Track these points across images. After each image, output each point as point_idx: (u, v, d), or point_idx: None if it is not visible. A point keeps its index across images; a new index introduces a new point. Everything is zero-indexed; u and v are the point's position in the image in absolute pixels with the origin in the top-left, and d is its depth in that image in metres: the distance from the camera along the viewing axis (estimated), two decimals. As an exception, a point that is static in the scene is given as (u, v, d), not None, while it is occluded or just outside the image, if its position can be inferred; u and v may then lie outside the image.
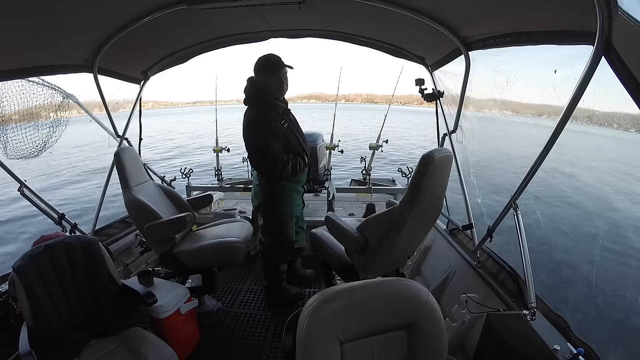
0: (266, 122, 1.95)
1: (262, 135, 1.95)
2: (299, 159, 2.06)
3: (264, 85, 2.02)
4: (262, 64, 2.01)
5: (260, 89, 2.02)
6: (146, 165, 2.78)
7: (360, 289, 0.93)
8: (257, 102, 2.01)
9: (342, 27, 2.29)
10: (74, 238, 1.60)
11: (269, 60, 2.01)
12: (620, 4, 0.84)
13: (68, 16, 1.51)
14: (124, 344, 1.49)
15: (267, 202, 2.12)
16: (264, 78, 2.02)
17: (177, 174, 3.37)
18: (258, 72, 2.03)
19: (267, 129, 1.95)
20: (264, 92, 2.02)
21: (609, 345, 2.16)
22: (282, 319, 2.05)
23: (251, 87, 2.04)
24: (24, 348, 1.28)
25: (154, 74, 2.68)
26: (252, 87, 2.03)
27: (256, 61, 2.03)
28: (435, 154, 1.51)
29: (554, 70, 1.28)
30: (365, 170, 4.23)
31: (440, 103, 2.42)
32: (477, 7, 1.49)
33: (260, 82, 2.02)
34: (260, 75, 2.03)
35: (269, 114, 1.98)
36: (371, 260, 1.77)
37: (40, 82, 1.99)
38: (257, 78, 2.04)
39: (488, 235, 1.70)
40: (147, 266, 2.61)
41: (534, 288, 1.34)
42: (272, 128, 1.96)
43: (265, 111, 1.98)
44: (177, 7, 1.67)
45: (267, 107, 2.00)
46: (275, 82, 2.02)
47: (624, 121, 1.29)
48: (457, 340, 1.66)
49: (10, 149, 1.91)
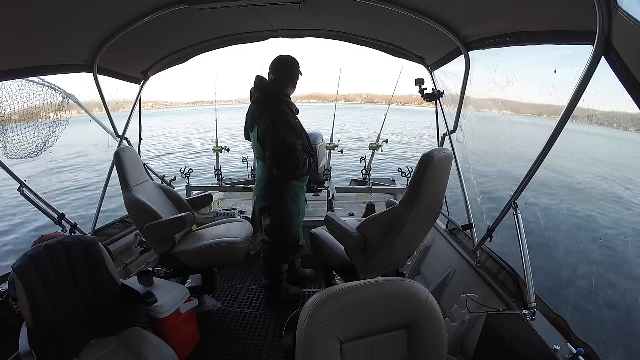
0: (289, 121, 1.96)
1: (288, 134, 1.93)
2: (310, 158, 2.08)
3: (283, 85, 2.03)
4: (284, 65, 2.03)
5: (280, 88, 2.02)
6: (146, 165, 2.78)
7: (360, 289, 0.93)
8: (276, 101, 2.00)
9: (342, 27, 2.29)
10: (74, 238, 1.60)
11: (290, 62, 2.03)
12: (620, 4, 0.84)
13: (68, 16, 1.51)
14: (124, 344, 1.49)
15: (276, 202, 2.11)
16: (284, 77, 2.03)
17: (177, 174, 3.37)
18: (277, 71, 2.03)
19: (291, 128, 1.95)
20: (283, 92, 2.03)
21: (609, 345, 2.17)
22: (282, 319, 2.05)
23: (270, 86, 2.03)
24: (24, 348, 1.28)
25: (154, 74, 2.68)
26: (272, 86, 2.03)
27: (276, 60, 2.04)
28: (435, 154, 1.51)
29: (554, 70, 1.29)
30: (365, 170, 4.23)
31: (440, 103, 2.42)
32: (477, 7, 1.49)
33: (279, 81, 2.03)
34: (279, 74, 2.03)
35: (290, 114, 1.99)
36: (371, 260, 1.77)
37: (40, 82, 1.99)
38: (275, 77, 2.04)
39: (488, 235, 1.70)
40: (147, 266, 2.61)
41: (534, 288, 1.34)
42: (294, 127, 1.97)
43: (285, 111, 1.98)
44: (177, 7, 1.67)
45: (286, 106, 2.00)
46: (293, 84, 2.06)
47: (624, 121, 1.29)
48: (457, 340, 1.66)
49: (10, 149, 1.91)
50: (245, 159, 4.33)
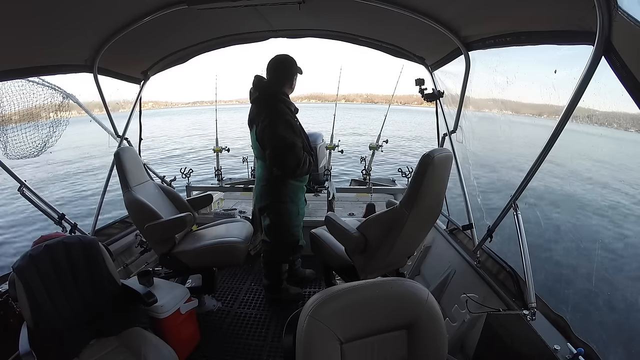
0: (287, 120, 1.96)
1: (287, 132, 1.93)
2: (309, 157, 2.08)
3: (281, 84, 2.03)
4: (280, 63, 2.03)
5: (278, 87, 2.03)
6: (146, 165, 2.78)
7: (360, 289, 0.93)
8: (274, 100, 2.00)
9: (342, 27, 2.29)
10: (74, 238, 1.60)
11: (288, 60, 2.03)
12: (620, 4, 0.84)
13: (68, 16, 1.51)
14: (124, 344, 1.48)
15: (275, 201, 2.11)
16: (280, 77, 2.03)
17: (177, 174, 3.37)
18: (274, 70, 2.03)
19: (289, 127, 1.95)
20: (281, 91, 2.03)
21: (609, 345, 2.16)
22: (282, 319, 2.05)
23: (268, 85, 2.04)
24: (24, 348, 1.28)
25: (154, 74, 2.68)
26: (269, 85, 2.03)
27: (273, 60, 2.04)
28: (435, 154, 1.51)
29: (554, 70, 1.28)
30: (365, 170, 4.23)
31: (440, 103, 2.42)
32: (477, 7, 1.49)
33: (276, 80, 2.03)
34: (276, 73, 2.03)
35: (288, 113, 1.99)
36: (371, 260, 1.77)
37: (40, 82, 1.99)
38: (272, 76, 2.04)
39: (488, 235, 1.70)
40: (147, 266, 2.61)
41: (534, 288, 1.34)
42: (293, 126, 1.97)
43: (284, 109, 1.98)
44: (177, 7, 1.67)
45: (284, 105, 2.00)
46: (290, 83, 2.06)
47: (624, 121, 1.29)
48: (457, 340, 1.66)
49: (10, 149, 1.91)
50: (245, 159, 4.33)
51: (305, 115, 2.29)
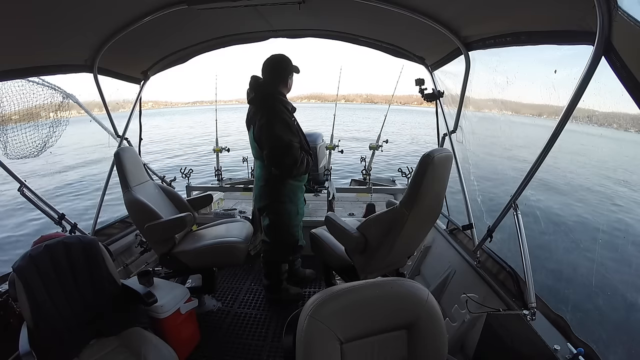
0: (284, 119, 1.96)
1: (283, 132, 1.94)
2: (307, 156, 2.08)
3: (276, 83, 2.03)
4: (275, 64, 2.02)
5: (273, 87, 2.03)
6: (146, 165, 2.78)
7: (360, 289, 0.93)
8: (272, 100, 2.00)
9: (342, 27, 2.29)
10: (74, 238, 1.60)
11: (282, 60, 2.03)
12: (620, 4, 0.84)
13: (68, 16, 1.51)
14: (124, 344, 1.49)
15: (274, 201, 2.11)
16: (276, 77, 2.03)
17: (177, 174, 3.37)
18: (269, 71, 2.03)
19: (287, 126, 1.95)
20: (276, 91, 2.03)
21: (609, 345, 2.16)
22: (282, 319, 2.05)
23: (263, 85, 2.04)
24: (24, 348, 1.28)
25: (154, 74, 2.68)
26: (265, 85, 2.03)
27: (267, 60, 2.04)
28: (435, 154, 1.51)
29: (554, 70, 1.28)
30: (365, 170, 4.23)
31: (440, 103, 2.42)
32: (477, 7, 1.49)
33: (272, 80, 2.03)
34: (271, 73, 2.03)
35: (285, 112, 1.99)
36: (371, 260, 1.77)
37: (40, 82, 1.99)
38: (268, 76, 2.04)
39: (488, 235, 1.70)
40: (147, 266, 2.61)
41: (534, 288, 1.34)
42: (290, 125, 1.97)
43: (281, 109, 1.98)
44: (177, 7, 1.67)
45: (281, 104, 2.00)
46: (285, 82, 2.06)
47: (624, 121, 1.29)
48: (457, 340, 1.66)
49: (10, 149, 1.91)
50: (245, 159, 4.33)
51: (305, 115, 2.29)
